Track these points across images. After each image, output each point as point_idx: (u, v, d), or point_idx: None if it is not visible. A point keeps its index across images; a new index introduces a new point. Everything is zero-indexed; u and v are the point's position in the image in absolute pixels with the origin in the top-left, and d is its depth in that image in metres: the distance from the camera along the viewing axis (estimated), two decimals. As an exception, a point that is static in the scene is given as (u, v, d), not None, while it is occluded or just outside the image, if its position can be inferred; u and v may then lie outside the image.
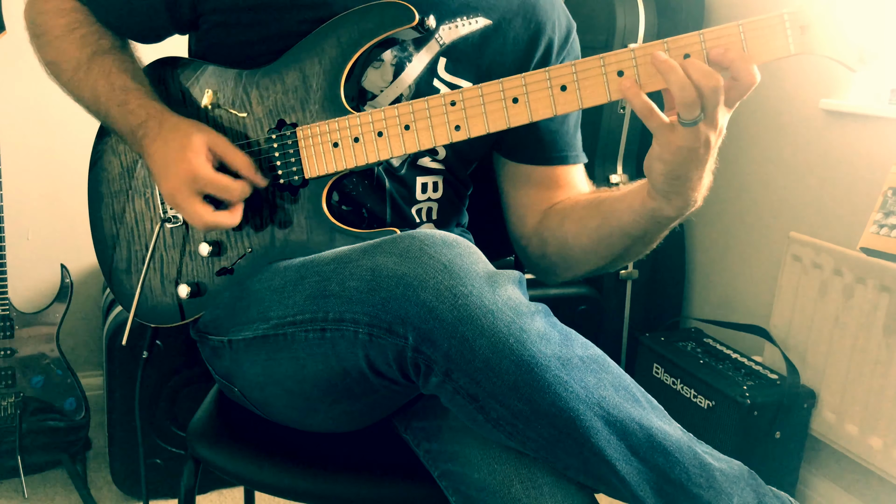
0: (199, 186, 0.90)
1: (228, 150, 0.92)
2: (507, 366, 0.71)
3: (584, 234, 0.98)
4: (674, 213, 0.87)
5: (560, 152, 1.05)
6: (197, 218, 0.90)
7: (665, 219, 0.89)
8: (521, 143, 1.04)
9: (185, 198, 0.90)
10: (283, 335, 0.85)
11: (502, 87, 0.84)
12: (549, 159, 1.05)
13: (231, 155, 0.92)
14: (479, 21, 0.99)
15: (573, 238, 1.00)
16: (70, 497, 1.78)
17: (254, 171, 0.92)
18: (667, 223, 0.90)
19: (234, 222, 0.92)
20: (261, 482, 0.95)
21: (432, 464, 0.88)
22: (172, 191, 0.91)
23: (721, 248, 2.14)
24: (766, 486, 0.77)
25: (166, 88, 1.00)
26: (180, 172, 0.90)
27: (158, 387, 1.69)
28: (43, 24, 1.03)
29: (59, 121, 2.00)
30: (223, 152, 0.92)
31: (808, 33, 0.76)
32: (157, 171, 0.93)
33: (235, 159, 0.92)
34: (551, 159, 1.05)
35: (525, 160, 1.05)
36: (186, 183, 0.90)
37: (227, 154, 0.92)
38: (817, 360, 1.72)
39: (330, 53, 0.92)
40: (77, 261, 2.04)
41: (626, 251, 0.96)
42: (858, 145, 1.70)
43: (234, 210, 0.92)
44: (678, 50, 0.78)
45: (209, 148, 0.91)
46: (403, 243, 0.78)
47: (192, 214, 0.90)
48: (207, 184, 0.90)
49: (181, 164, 0.90)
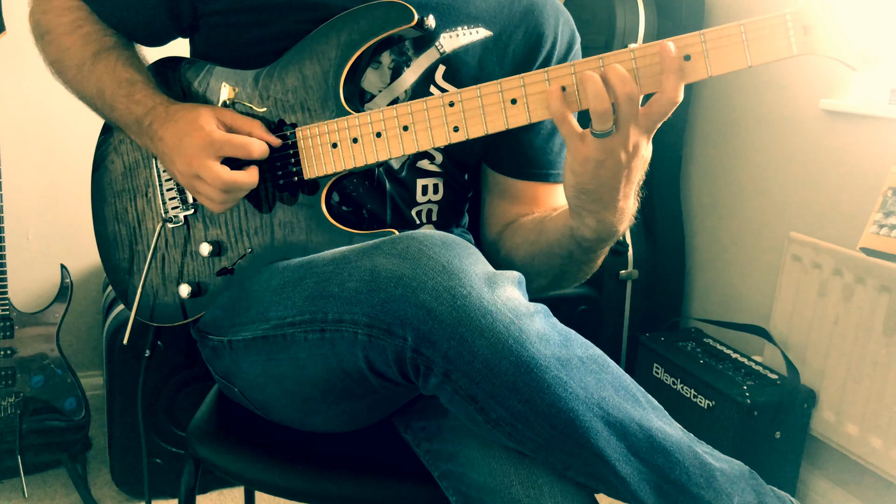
0: (216, 148, 0.89)
1: (236, 117, 0.92)
2: (507, 366, 0.71)
3: (522, 248, 1.00)
4: (590, 234, 0.88)
5: (540, 169, 1.04)
6: (216, 177, 0.89)
7: (584, 240, 0.89)
8: (504, 154, 1.04)
9: (202, 162, 0.89)
10: (283, 336, 0.85)
11: (501, 89, 0.83)
12: (528, 175, 1.04)
13: (239, 121, 0.92)
14: (480, 32, 0.98)
15: (514, 250, 1.01)
16: (70, 497, 1.78)
17: (265, 131, 0.92)
18: (588, 246, 0.91)
19: (252, 180, 0.91)
20: (261, 482, 0.95)
21: (432, 464, 0.88)
22: (189, 160, 0.90)
23: (721, 248, 2.14)
24: (766, 486, 0.77)
25: (168, 88, 1.01)
26: (196, 140, 0.89)
27: (158, 387, 1.70)
28: (47, 23, 1.03)
29: (59, 121, 2.00)
30: (231, 120, 0.92)
31: (810, 34, 0.75)
32: (171, 148, 0.92)
33: (244, 123, 0.92)
34: (530, 175, 1.04)
35: (505, 172, 1.05)
36: (203, 148, 0.89)
37: (236, 120, 0.92)
38: (817, 360, 1.72)
39: (329, 54, 0.92)
40: (77, 261, 2.04)
41: (563, 272, 0.97)
42: (858, 145, 1.70)
43: (251, 169, 0.92)
44: (679, 50, 0.78)
45: (217, 118, 0.92)
46: (402, 244, 0.78)
47: (212, 175, 0.89)
48: (224, 144, 0.89)
49: (195, 133, 0.90)
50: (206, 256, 0.99)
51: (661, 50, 0.76)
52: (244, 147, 0.90)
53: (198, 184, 0.91)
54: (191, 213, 1.00)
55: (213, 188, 0.90)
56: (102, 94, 0.99)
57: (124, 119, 0.98)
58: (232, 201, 0.93)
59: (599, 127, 0.77)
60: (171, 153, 0.92)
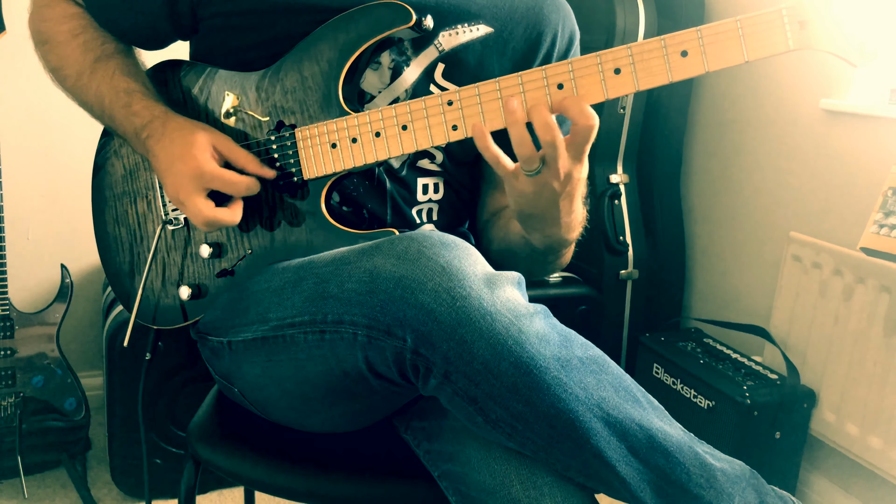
0: (205, 182, 0.90)
1: (233, 148, 0.92)
2: (506, 367, 0.71)
3: (495, 242, 1.05)
4: (540, 245, 0.93)
5: None
6: (197, 213, 0.90)
7: (536, 249, 0.94)
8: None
9: (188, 193, 0.90)
10: (283, 337, 0.85)
11: (499, 87, 0.83)
12: None
13: (235, 153, 0.92)
14: (481, 28, 0.98)
15: (490, 244, 1.07)
16: (70, 497, 1.78)
17: (259, 166, 0.93)
18: (542, 252, 0.95)
19: (233, 219, 0.92)
20: (261, 482, 0.95)
21: (432, 464, 0.88)
22: (177, 187, 0.91)
23: (721, 248, 2.14)
24: (768, 486, 0.77)
25: (167, 91, 1.01)
26: (186, 169, 0.90)
27: (158, 387, 1.70)
28: (47, 31, 1.03)
29: (59, 121, 2.00)
30: (227, 150, 0.92)
31: (807, 28, 0.76)
32: (162, 169, 0.93)
33: (240, 157, 0.92)
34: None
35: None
36: (192, 179, 0.90)
37: (232, 152, 0.92)
38: (817, 360, 1.72)
39: (328, 55, 0.92)
40: (77, 261, 2.04)
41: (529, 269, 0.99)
42: (858, 145, 1.70)
43: (234, 207, 0.92)
44: (675, 46, 0.78)
45: (213, 146, 0.91)
46: (402, 245, 0.78)
47: (194, 210, 0.90)
48: (213, 178, 0.90)
49: (187, 161, 0.90)
50: (206, 258, 0.99)
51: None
52: (232, 185, 0.91)
53: (182, 209, 0.92)
54: (191, 214, 1.00)
55: (194, 221, 0.92)
56: (101, 103, 0.99)
57: (123, 129, 0.98)
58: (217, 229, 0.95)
59: (527, 167, 0.80)
60: (163, 173, 0.93)
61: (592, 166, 2.08)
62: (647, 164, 2.16)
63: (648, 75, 0.79)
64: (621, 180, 2.12)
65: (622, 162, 2.13)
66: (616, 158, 2.13)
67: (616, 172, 2.13)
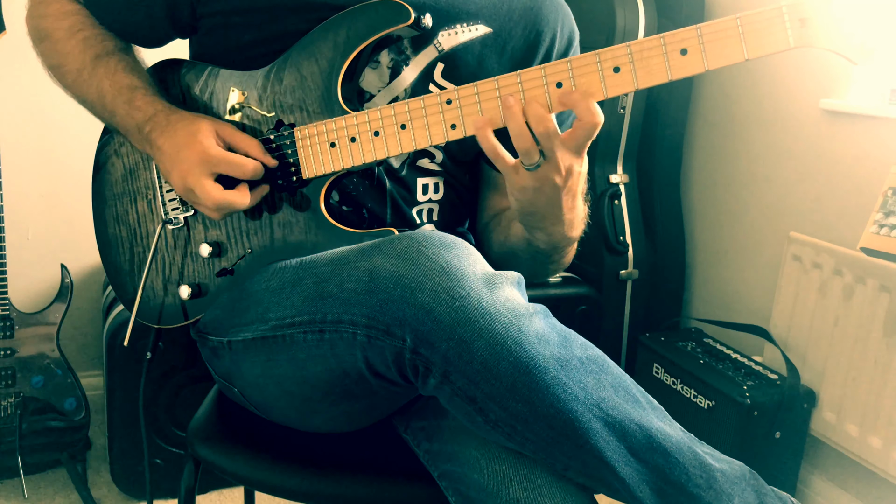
0: (212, 165, 0.90)
1: (236, 134, 0.93)
2: (505, 367, 0.71)
3: (496, 245, 1.05)
4: (543, 245, 0.93)
5: None
6: (208, 196, 0.90)
7: (539, 249, 0.94)
8: None
9: (196, 178, 0.90)
10: (282, 336, 0.85)
11: (498, 85, 0.83)
12: None
13: (238, 138, 0.92)
14: (480, 28, 0.98)
15: (491, 247, 1.06)
16: (70, 497, 1.78)
17: (262, 152, 0.93)
18: (546, 252, 0.95)
19: (244, 201, 0.92)
20: (261, 482, 0.95)
21: (432, 464, 0.88)
22: (184, 174, 0.91)
23: (721, 248, 2.14)
24: (767, 487, 0.77)
25: (167, 90, 1.01)
26: (192, 155, 0.90)
27: (158, 387, 1.69)
28: (45, 28, 1.03)
29: (59, 121, 2.00)
30: (230, 137, 0.92)
31: (807, 26, 0.76)
32: (168, 159, 0.92)
33: (243, 142, 0.92)
34: None
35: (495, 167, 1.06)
36: (198, 164, 0.90)
37: (235, 137, 0.92)
38: (817, 360, 1.72)
39: (326, 54, 0.92)
40: (77, 261, 2.04)
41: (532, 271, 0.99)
42: (858, 145, 1.70)
43: (243, 189, 0.92)
44: (675, 44, 0.78)
45: (217, 133, 0.92)
46: (401, 244, 0.78)
47: (204, 194, 0.90)
48: (220, 161, 0.90)
49: (192, 147, 0.90)
50: (205, 257, 0.99)
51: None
52: (240, 167, 0.91)
53: (192, 197, 0.92)
54: (190, 214, 1.00)
55: (205, 206, 0.91)
56: (103, 99, 0.99)
57: (125, 125, 0.98)
58: (227, 214, 0.94)
59: (527, 161, 0.80)
60: (168, 164, 0.93)
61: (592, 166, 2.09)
62: (647, 164, 2.16)
63: (648, 74, 0.79)
64: (621, 180, 2.12)
65: (622, 162, 2.13)
66: (616, 158, 2.13)
67: (616, 172, 2.13)
